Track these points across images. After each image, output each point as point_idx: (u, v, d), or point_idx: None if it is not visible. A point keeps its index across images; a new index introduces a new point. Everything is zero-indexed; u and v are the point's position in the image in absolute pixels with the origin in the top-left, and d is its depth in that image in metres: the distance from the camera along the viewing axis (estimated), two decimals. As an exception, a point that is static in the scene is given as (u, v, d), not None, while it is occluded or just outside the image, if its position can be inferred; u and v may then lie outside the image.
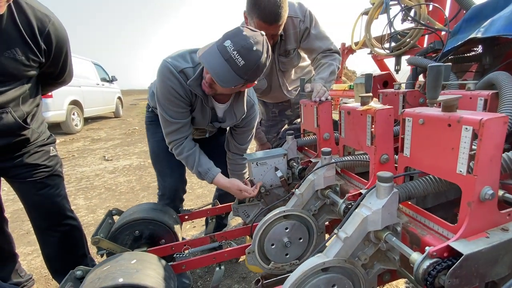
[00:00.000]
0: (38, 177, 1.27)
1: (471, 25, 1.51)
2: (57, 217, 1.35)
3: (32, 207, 1.32)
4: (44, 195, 1.29)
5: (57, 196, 1.34)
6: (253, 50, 1.10)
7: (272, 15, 1.40)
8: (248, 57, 1.10)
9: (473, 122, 0.58)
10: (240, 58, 1.10)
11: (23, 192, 1.29)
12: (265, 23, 1.42)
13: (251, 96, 1.48)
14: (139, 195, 3.20)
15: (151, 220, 1.26)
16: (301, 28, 1.64)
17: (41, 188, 1.28)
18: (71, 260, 1.41)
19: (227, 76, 1.13)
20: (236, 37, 1.11)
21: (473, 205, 0.62)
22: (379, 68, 2.53)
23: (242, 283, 1.72)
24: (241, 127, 1.52)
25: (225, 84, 1.15)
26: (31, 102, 1.22)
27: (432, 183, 0.75)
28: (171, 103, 1.31)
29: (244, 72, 1.13)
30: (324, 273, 0.75)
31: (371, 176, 0.96)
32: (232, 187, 1.38)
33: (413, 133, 0.75)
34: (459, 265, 0.58)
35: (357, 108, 0.96)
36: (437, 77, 0.62)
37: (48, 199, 1.31)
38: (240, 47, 1.09)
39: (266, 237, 1.07)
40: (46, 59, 1.19)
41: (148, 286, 0.82)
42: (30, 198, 1.30)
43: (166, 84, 1.27)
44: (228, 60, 1.11)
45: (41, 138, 1.31)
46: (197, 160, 1.40)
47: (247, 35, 1.11)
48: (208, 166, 1.42)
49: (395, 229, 0.76)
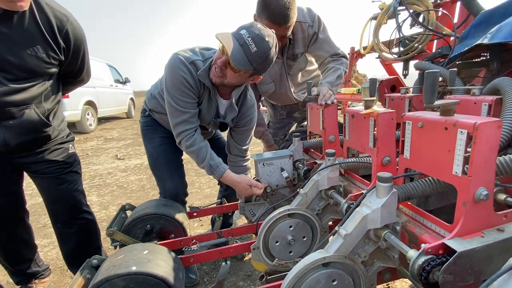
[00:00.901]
0: (58, 173, 1.35)
1: (479, 31, 1.51)
2: (74, 211, 1.43)
3: (51, 201, 1.40)
4: (63, 190, 1.37)
5: (75, 191, 1.41)
6: (265, 40, 1.19)
7: (281, 16, 1.45)
8: (261, 45, 1.19)
9: (468, 125, 0.61)
10: (254, 44, 1.18)
11: (43, 186, 1.37)
12: (274, 24, 1.46)
13: (251, 96, 1.53)
14: (149, 193, 3.30)
15: (161, 215, 1.32)
16: (310, 33, 1.68)
17: (60, 184, 1.36)
18: (87, 251, 1.48)
19: (240, 59, 1.19)
20: (251, 27, 1.20)
21: (468, 205, 0.64)
22: (387, 72, 2.54)
23: (247, 281, 1.76)
24: (241, 127, 1.55)
25: (240, 65, 1.20)
26: (53, 99, 1.29)
27: (430, 184, 0.78)
28: (181, 93, 1.33)
29: (255, 59, 1.20)
30: (324, 268, 0.79)
31: (373, 177, 0.99)
32: (243, 181, 1.40)
33: (412, 135, 0.78)
34: (453, 261, 0.61)
35: (361, 111, 1.00)
36: (433, 83, 0.65)
37: (66, 194, 1.39)
38: (255, 35, 1.18)
39: (270, 234, 1.12)
40: (65, 57, 1.25)
41: (158, 275, 0.88)
42: (50, 193, 1.38)
43: (177, 74, 1.30)
44: (243, 45, 1.18)
45: (60, 135, 1.38)
46: (209, 153, 1.41)
47: (261, 28, 1.21)
48: (219, 160, 1.44)
49: (394, 228, 0.79)
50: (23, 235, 1.49)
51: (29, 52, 1.12)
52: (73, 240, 1.46)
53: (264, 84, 1.87)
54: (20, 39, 1.10)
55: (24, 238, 1.49)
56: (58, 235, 1.48)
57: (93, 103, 7.03)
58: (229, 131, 1.64)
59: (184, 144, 1.41)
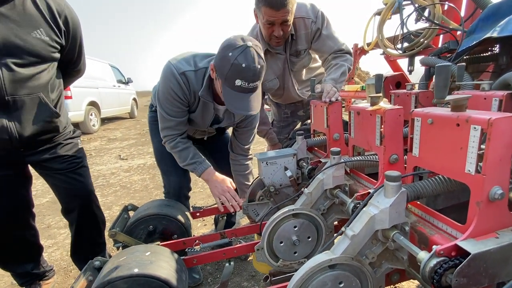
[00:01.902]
0: (72, 168, 1.37)
1: (487, 24, 1.47)
2: (87, 205, 1.45)
3: (65, 197, 1.42)
4: (76, 185, 1.39)
5: (89, 185, 1.46)
6: (258, 69, 1.20)
7: (279, 1, 1.42)
8: (259, 76, 1.24)
9: (482, 121, 0.58)
10: (256, 82, 1.23)
11: (56, 183, 1.38)
12: (272, 9, 1.44)
13: None
14: (152, 193, 3.29)
15: (164, 216, 1.31)
16: (313, 29, 1.66)
17: (73, 179, 1.38)
18: (95, 244, 1.53)
19: (257, 99, 1.28)
20: (241, 73, 1.19)
21: (482, 205, 0.61)
22: (392, 69, 2.50)
23: (251, 281, 1.74)
24: (243, 127, 1.56)
25: (259, 107, 1.31)
26: (57, 89, 1.29)
27: (441, 183, 0.75)
28: (169, 102, 1.38)
29: (260, 82, 1.26)
30: (331, 270, 0.77)
31: (380, 176, 0.96)
32: (225, 181, 1.49)
33: (422, 132, 0.75)
34: (467, 264, 0.58)
35: (367, 108, 0.97)
36: (445, 77, 0.62)
37: (79, 189, 1.41)
38: (251, 77, 1.20)
39: (275, 234, 1.09)
40: (66, 42, 1.25)
41: (161, 277, 0.86)
42: (63, 189, 1.39)
43: (167, 84, 1.35)
44: (251, 91, 1.24)
45: (67, 130, 1.40)
46: (190, 155, 1.50)
47: (247, 65, 1.18)
48: (201, 160, 1.52)
49: (403, 228, 0.77)
50: (29, 237, 1.49)
51: (33, 35, 1.11)
52: (84, 234, 1.48)
53: (268, 81, 1.85)
54: (24, 22, 1.10)
55: (30, 240, 1.49)
56: (72, 230, 1.49)
57: (96, 103, 7.06)
58: (232, 131, 1.63)
59: (167, 145, 1.52)
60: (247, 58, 1.17)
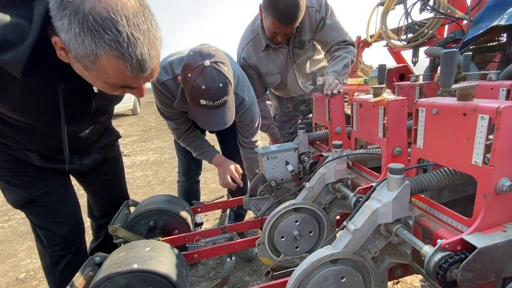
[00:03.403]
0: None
1: (494, 13, 1.42)
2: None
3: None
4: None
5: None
6: (220, 87, 1.18)
7: (289, 17, 1.41)
8: (224, 92, 1.21)
9: (490, 110, 0.55)
10: (221, 98, 1.21)
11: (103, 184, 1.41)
12: (280, 24, 1.44)
13: (239, 92, 1.48)
14: (155, 189, 3.30)
15: (165, 211, 1.30)
16: (317, 18, 1.61)
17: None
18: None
19: (230, 111, 1.28)
20: (202, 94, 1.18)
21: (489, 197, 0.59)
22: (396, 61, 2.44)
23: (254, 276, 1.74)
24: (240, 122, 1.58)
25: (233, 117, 1.32)
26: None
27: (446, 175, 0.73)
28: (162, 108, 1.48)
29: (227, 93, 1.23)
30: (332, 265, 0.75)
31: (383, 169, 0.94)
32: (225, 166, 1.59)
33: (426, 123, 0.72)
34: (473, 258, 0.56)
35: (369, 99, 0.94)
36: (450, 63, 0.59)
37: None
38: (214, 96, 1.18)
39: (276, 229, 1.08)
40: None
41: (160, 272, 0.85)
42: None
43: (154, 93, 1.44)
44: (219, 106, 1.23)
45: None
46: (199, 146, 1.64)
47: (207, 86, 1.16)
48: (210, 147, 1.66)
49: (406, 222, 0.75)
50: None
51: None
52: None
53: (270, 75, 1.81)
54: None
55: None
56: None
57: (98, 100, 7.05)
58: (236, 126, 1.65)
59: (180, 142, 1.67)
60: (206, 79, 1.15)
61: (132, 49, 0.72)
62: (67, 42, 0.70)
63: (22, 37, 0.71)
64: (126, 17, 0.70)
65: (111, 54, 0.70)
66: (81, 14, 0.67)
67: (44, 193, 1.14)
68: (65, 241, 1.20)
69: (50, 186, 1.16)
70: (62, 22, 0.68)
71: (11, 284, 1.87)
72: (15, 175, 1.09)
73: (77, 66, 0.77)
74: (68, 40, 0.70)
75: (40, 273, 1.93)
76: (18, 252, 2.23)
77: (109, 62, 0.72)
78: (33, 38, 0.72)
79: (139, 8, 0.73)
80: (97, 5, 0.67)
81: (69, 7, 0.67)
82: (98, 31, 0.68)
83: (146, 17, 0.74)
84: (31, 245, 2.28)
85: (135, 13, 0.71)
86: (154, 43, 0.77)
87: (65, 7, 0.67)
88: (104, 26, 0.68)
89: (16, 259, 2.14)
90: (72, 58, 0.74)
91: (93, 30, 0.67)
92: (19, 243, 2.35)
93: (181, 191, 1.97)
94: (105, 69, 0.74)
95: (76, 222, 1.26)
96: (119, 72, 0.75)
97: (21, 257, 2.15)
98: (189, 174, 1.92)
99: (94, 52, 0.70)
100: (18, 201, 1.12)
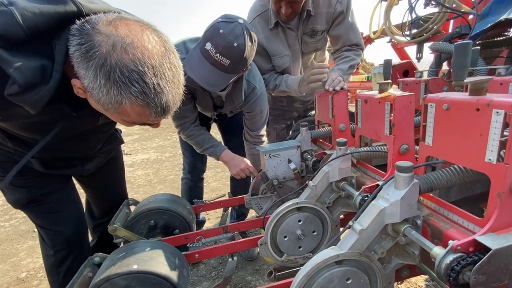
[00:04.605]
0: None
1: (502, 6, 1.39)
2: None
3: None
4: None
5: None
6: (234, 47, 1.11)
7: None
8: (232, 55, 1.12)
9: (505, 105, 0.52)
10: (225, 58, 1.12)
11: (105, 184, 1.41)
12: None
13: (251, 80, 1.44)
14: (156, 188, 3.29)
15: (165, 210, 1.28)
16: (337, 9, 1.49)
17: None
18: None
19: (218, 79, 1.18)
20: (214, 37, 1.11)
21: (504, 197, 0.56)
22: (399, 57, 2.41)
23: (256, 275, 1.72)
24: (247, 112, 1.53)
25: (217, 87, 1.20)
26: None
27: (457, 174, 0.70)
28: None
29: (233, 68, 1.16)
30: (338, 266, 0.73)
31: (389, 167, 0.91)
32: (236, 160, 1.54)
33: (436, 120, 0.69)
34: (487, 260, 0.54)
35: (375, 95, 0.91)
36: (464, 56, 0.57)
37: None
38: (221, 48, 1.11)
39: (278, 229, 1.06)
40: None
41: (161, 274, 0.83)
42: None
43: None
44: (214, 64, 1.14)
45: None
46: (207, 140, 1.55)
47: (225, 33, 1.10)
48: (217, 142, 1.57)
49: (415, 222, 0.72)
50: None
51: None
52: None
53: (279, 56, 1.66)
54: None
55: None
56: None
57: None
58: (243, 119, 1.62)
59: (182, 135, 1.57)
60: (229, 28, 1.11)
61: (158, 99, 0.71)
62: (90, 89, 0.69)
63: (44, 78, 0.69)
64: (153, 67, 0.68)
65: (136, 103, 0.70)
66: (108, 66, 0.65)
67: (45, 193, 1.12)
68: (68, 242, 1.19)
69: (52, 186, 1.14)
70: (86, 73, 0.67)
71: (12, 284, 1.86)
72: (16, 175, 1.07)
73: (94, 104, 0.76)
74: (92, 88, 0.68)
75: (41, 273, 1.92)
76: (19, 251, 2.21)
77: (133, 109, 0.72)
78: (56, 81, 0.70)
79: (164, 54, 0.72)
80: (124, 57, 0.65)
81: (95, 59, 0.65)
82: (125, 83, 0.66)
83: (171, 63, 0.73)
84: (32, 245, 2.27)
85: (161, 61, 0.71)
86: (178, 88, 0.77)
87: (91, 58, 0.65)
88: (131, 79, 0.66)
89: (17, 258, 2.13)
90: (91, 98, 0.73)
91: (119, 82, 0.66)
92: (20, 242, 2.34)
93: (185, 188, 1.94)
94: (127, 113, 0.73)
95: (78, 223, 1.24)
96: (142, 117, 0.75)
97: (22, 257, 2.14)
98: (194, 172, 1.89)
99: (119, 101, 0.69)
100: (19, 201, 1.10)
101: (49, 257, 1.20)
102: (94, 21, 0.68)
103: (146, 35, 0.70)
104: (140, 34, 0.69)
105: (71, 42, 0.68)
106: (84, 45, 0.66)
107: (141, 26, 0.71)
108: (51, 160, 1.09)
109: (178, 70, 0.77)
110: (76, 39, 0.67)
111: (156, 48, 0.70)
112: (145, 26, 0.72)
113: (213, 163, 3.87)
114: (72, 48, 0.67)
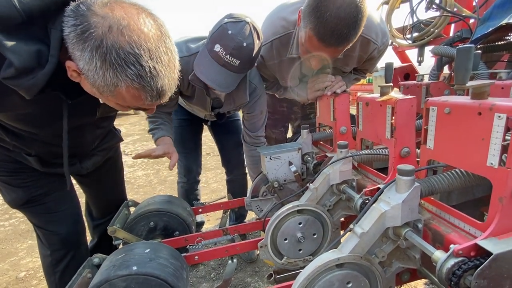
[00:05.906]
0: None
1: (503, 11, 1.39)
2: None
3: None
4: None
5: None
6: (244, 47, 1.11)
7: (335, 37, 0.99)
8: (241, 55, 1.12)
9: (507, 109, 0.52)
10: (235, 59, 1.12)
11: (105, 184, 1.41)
12: (321, 43, 1.03)
13: (252, 80, 1.43)
14: (156, 188, 3.28)
15: (165, 212, 1.27)
16: (372, 55, 1.36)
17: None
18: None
19: (228, 80, 1.17)
20: (223, 39, 1.11)
21: (505, 201, 0.56)
22: (400, 60, 2.41)
23: (255, 277, 1.72)
24: (247, 113, 1.52)
25: (228, 88, 1.20)
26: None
27: (458, 178, 0.70)
28: None
29: (242, 68, 1.16)
30: (338, 270, 0.72)
31: (390, 170, 0.91)
32: (172, 147, 1.38)
33: (437, 123, 0.69)
34: (488, 265, 0.54)
35: (376, 98, 0.92)
36: (466, 59, 0.57)
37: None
38: (232, 49, 1.11)
39: (279, 231, 1.05)
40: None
41: (160, 275, 0.83)
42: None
43: None
44: (225, 65, 1.14)
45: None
46: (157, 123, 1.43)
47: (234, 34, 1.10)
48: (163, 127, 1.43)
49: (416, 225, 0.72)
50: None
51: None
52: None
53: (287, 80, 1.53)
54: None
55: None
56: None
57: (100, 99, 7.04)
58: (242, 119, 1.61)
59: (149, 117, 1.47)
60: (237, 28, 1.10)
61: (154, 82, 0.71)
62: (85, 71, 0.68)
63: (40, 63, 0.69)
64: (149, 50, 0.68)
65: (132, 86, 0.70)
66: (104, 48, 0.64)
67: (43, 193, 1.12)
68: (65, 242, 1.18)
69: (49, 186, 1.13)
70: (82, 54, 0.66)
71: (11, 283, 1.85)
72: (14, 175, 1.07)
73: (89, 88, 0.75)
74: (87, 70, 0.68)
75: (40, 272, 1.91)
76: (19, 251, 2.21)
77: (128, 92, 0.71)
78: (52, 66, 0.70)
79: (160, 38, 0.72)
80: (120, 39, 0.65)
81: (91, 40, 0.64)
82: (121, 65, 0.66)
83: (167, 47, 0.73)
84: (32, 244, 2.26)
85: (157, 45, 0.70)
86: (173, 72, 0.77)
87: (87, 39, 0.65)
88: (127, 61, 0.66)
89: (16, 258, 2.13)
90: (86, 81, 0.72)
91: (115, 64, 0.66)
92: (20, 241, 2.33)
93: (182, 191, 1.93)
94: (122, 96, 0.73)
95: (76, 223, 1.23)
96: (137, 100, 0.75)
97: (21, 256, 2.14)
98: (190, 175, 1.87)
99: (115, 84, 0.69)
100: (16, 201, 1.09)
101: (46, 257, 1.19)
102: (90, 2, 0.67)
103: (142, 18, 0.69)
104: (136, 17, 0.68)
105: (66, 23, 0.67)
106: (79, 26, 0.65)
107: (136, 9, 0.71)
108: (48, 157, 1.08)
109: (173, 55, 0.76)
110: (71, 20, 0.66)
111: (152, 32, 0.70)
112: (141, 10, 0.71)
113: (214, 165, 3.87)
114: (67, 29, 0.67)
